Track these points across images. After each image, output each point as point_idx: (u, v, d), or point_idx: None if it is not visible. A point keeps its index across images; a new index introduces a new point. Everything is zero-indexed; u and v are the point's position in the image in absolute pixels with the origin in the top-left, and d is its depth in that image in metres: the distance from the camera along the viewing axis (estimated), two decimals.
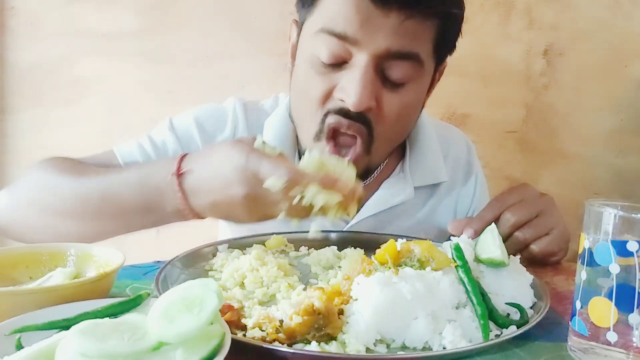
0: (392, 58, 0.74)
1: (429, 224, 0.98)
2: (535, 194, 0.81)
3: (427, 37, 0.76)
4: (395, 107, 0.77)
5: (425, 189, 0.98)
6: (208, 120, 0.93)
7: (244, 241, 0.82)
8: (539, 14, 1.45)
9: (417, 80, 0.78)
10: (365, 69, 0.73)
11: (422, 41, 0.76)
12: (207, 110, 0.95)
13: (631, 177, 1.48)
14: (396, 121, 0.79)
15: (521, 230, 0.78)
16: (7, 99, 1.58)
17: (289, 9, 1.50)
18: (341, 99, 0.75)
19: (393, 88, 0.77)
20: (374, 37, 0.72)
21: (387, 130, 0.79)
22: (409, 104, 0.80)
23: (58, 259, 0.64)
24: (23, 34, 1.56)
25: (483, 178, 1.06)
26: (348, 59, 0.75)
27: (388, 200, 0.93)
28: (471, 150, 1.06)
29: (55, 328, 0.46)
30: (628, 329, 0.48)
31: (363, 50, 0.73)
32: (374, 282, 0.55)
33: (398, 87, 0.77)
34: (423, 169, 0.96)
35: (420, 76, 0.79)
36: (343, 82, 0.75)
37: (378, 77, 0.75)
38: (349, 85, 0.73)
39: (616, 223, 0.49)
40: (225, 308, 0.54)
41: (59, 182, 0.77)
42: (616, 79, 1.44)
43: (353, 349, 0.50)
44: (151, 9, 1.52)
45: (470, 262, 0.61)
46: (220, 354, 0.41)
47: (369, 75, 0.73)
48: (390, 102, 0.77)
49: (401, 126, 0.83)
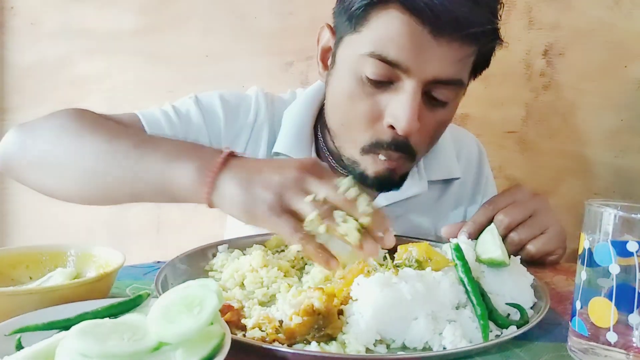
0: (438, 83, 0.76)
1: (441, 219, 0.99)
2: (528, 194, 0.81)
3: (469, 62, 0.79)
4: (434, 125, 0.81)
5: (439, 185, 1.00)
6: (232, 101, 0.95)
7: (244, 241, 0.82)
8: (539, 14, 1.45)
9: (456, 100, 0.82)
10: (414, 95, 0.75)
11: (465, 66, 0.78)
12: (232, 93, 0.97)
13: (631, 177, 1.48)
14: (433, 137, 0.84)
15: (516, 231, 0.78)
16: (7, 99, 1.58)
17: (289, 9, 1.50)
18: (391, 124, 0.77)
19: (434, 108, 0.79)
20: (425, 65, 0.73)
21: (424, 143, 0.83)
22: (444, 121, 0.84)
23: (58, 259, 0.64)
24: (23, 34, 1.56)
25: (493, 181, 1.08)
26: (395, 81, 0.76)
27: (402, 192, 0.94)
28: (482, 152, 1.08)
29: (55, 328, 0.46)
30: (628, 329, 0.48)
31: (412, 76, 0.74)
32: (374, 282, 0.54)
33: (438, 107, 0.79)
34: (437, 164, 0.98)
35: (459, 97, 0.82)
36: (392, 107, 0.76)
37: (423, 100, 0.77)
38: (400, 112, 0.75)
39: (616, 223, 0.49)
40: (225, 308, 0.54)
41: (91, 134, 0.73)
42: (616, 79, 1.44)
43: (353, 349, 0.50)
44: (151, 9, 1.52)
45: (471, 262, 0.61)
46: (220, 354, 0.41)
47: (418, 100, 0.75)
48: (430, 121, 0.79)
49: (436, 139, 0.87)
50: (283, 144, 0.93)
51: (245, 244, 0.81)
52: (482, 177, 1.05)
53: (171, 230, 1.59)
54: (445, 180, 1.00)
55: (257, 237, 0.83)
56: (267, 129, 0.95)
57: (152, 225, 1.59)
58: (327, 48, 0.88)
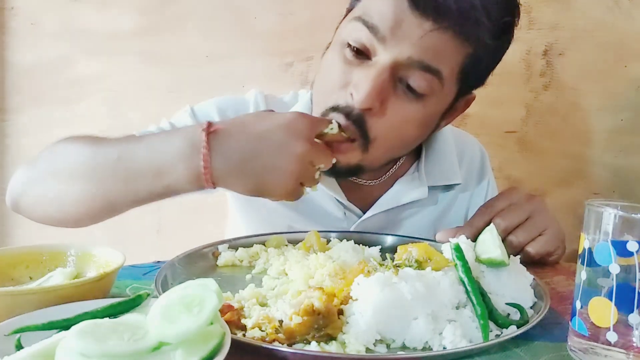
0: (413, 67, 0.73)
1: (441, 224, 0.99)
2: (524, 196, 0.81)
3: (454, 58, 0.75)
4: (398, 116, 0.76)
5: (439, 190, 0.99)
6: (230, 109, 0.94)
7: (244, 241, 0.82)
8: (539, 14, 1.45)
9: (431, 98, 0.76)
10: (382, 70, 0.72)
11: (447, 60, 0.74)
12: (229, 100, 0.96)
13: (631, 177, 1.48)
14: (397, 129, 0.77)
15: (514, 234, 0.78)
16: (7, 99, 1.58)
17: (289, 9, 1.50)
18: (352, 93, 0.75)
19: (405, 97, 0.75)
20: (401, 41, 0.72)
21: (386, 135, 0.77)
22: (414, 118, 0.78)
23: (58, 259, 0.64)
24: (23, 34, 1.56)
25: (495, 185, 1.07)
26: (371, 56, 0.74)
27: (401, 197, 0.94)
28: (484, 157, 1.07)
29: (55, 328, 0.46)
30: (628, 329, 0.48)
31: (387, 50, 0.72)
32: (374, 282, 0.55)
33: (411, 98, 0.75)
34: (438, 169, 0.97)
35: (436, 95, 0.77)
36: (357, 77, 0.74)
37: (392, 82, 0.74)
38: (362, 83, 0.73)
39: (616, 223, 0.49)
40: (225, 308, 0.54)
41: (77, 146, 0.76)
42: (616, 79, 1.44)
43: (353, 349, 0.50)
44: (151, 9, 1.52)
45: (471, 262, 0.61)
46: (220, 354, 0.41)
47: (384, 76, 0.72)
48: (395, 109, 0.75)
49: (400, 136, 0.80)
50: None
51: (246, 243, 0.81)
52: (484, 181, 1.04)
53: (171, 230, 1.59)
54: (446, 185, 0.98)
55: (257, 237, 0.84)
56: None
57: (152, 225, 1.59)
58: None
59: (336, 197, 0.93)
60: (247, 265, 0.76)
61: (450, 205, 1.00)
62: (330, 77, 0.78)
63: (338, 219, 0.94)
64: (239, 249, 0.78)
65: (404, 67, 0.73)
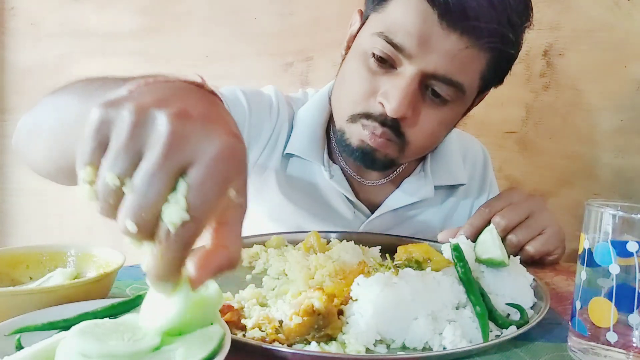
0: (438, 79, 0.76)
1: (446, 224, 1.00)
2: (524, 196, 0.81)
3: (476, 69, 0.78)
4: (430, 122, 0.80)
5: (445, 190, 1.00)
6: (254, 95, 0.95)
7: (244, 241, 0.82)
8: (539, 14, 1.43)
9: (456, 103, 0.81)
10: (411, 80, 0.75)
11: (470, 72, 0.77)
12: (251, 89, 0.97)
13: (631, 177, 1.48)
14: (429, 134, 0.82)
15: (514, 233, 0.78)
16: (7, 99, 1.58)
17: (289, 9, 1.50)
18: (381, 102, 0.77)
19: (432, 104, 0.79)
20: (428, 56, 0.74)
21: (419, 140, 0.82)
22: (443, 122, 0.83)
23: (58, 259, 0.64)
24: (23, 34, 1.56)
25: (496, 186, 1.08)
26: (397, 66, 0.77)
27: (408, 197, 0.95)
28: (487, 158, 1.08)
29: (55, 328, 0.46)
30: (628, 329, 0.48)
31: (414, 63, 0.75)
32: (374, 282, 0.55)
33: (437, 104, 0.79)
34: (443, 169, 0.98)
35: (461, 101, 0.81)
36: (387, 87, 0.77)
37: (421, 90, 0.77)
38: (392, 92, 0.76)
39: (616, 223, 0.49)
40: (225, 308, 0.54)
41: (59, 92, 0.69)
42: (616, 79, 1.44)
43: (353, 350, 0.50)
44: (151, 9, 1.52)
45: (471, 262, 0.61)
46: (220, 354, 0.41)
47: (413, 87, 0.75)
48: (426, 116, 0.79)
49: (432, 139, 0.86)
50: (297, 145, 0.93)
51: (245, 244, 0.81)
52: (486, 182, 1.05)
53: None
54: (451, 185, 1.00)
55: (257, 238, 0.84)
56: (287, 128, 0.95)
57: None
58: (354, 34, 0.88)
59: (346, 195, 0.93)
60: (247, 266, 0.76)
61: (455, 205, 1.01)
62: (356, 86, 0.80)
63: (348, 218, 0.95)
64: None
65: (429, 77, 0.76)
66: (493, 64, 0.79)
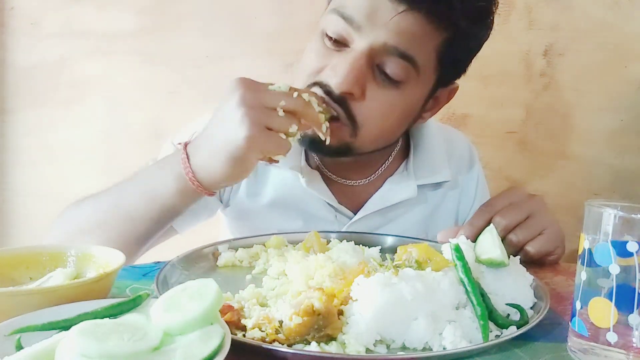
0: (389, 54, 0.76)
1: (432, 222, 1.00)
2: (524, 195, 0.81)
3: (429, 45, 0.77)
4: (380, 103, 0.79)
5: (429, 188, 0.99)
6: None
7: (244, 241, 0.82)
8: (539, 14, 1.45)
9: (408, 85, 0.79)
10: (359, 55, 0.76)
11: (422, 46, 0.77)
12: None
13: (631, 177, 1.48)
14: (380, 116, 0.81)
15: (514, 233, 0.78)
16: (7, 99, 1.58)
17: (289, 9, 1.50)
18: (329, 76, 0.78)
19: (384, 84, 0.78)
20: (376, 28, 0.75)
21: (371, 123, 0.80)
22: (396, 105, 0.81)
23: (58, 260, 0.64)
24: (23, 34, 1.56)
25: (484, 180, 1.08)
26: (349, 44, 0.77)
27: (392, 197, 0.95)
28: (473, 153, 1.07)
29: (55, 328, 0.46)
30: (628, 329, 0.48)
31: (363, 38, 0.76)
32: (374, 282, 0.54)
33: (389, 85, 0.78)
34: (426, 167, 0.97)
35: (414, 82, 0.80)
36: (335, 62, 0.78)
37: (370, 69, 0.77)
38: (339, 66, 0.76)
39: (616, 223, 0.49)
40: (225, 308, 0.54)
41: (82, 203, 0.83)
42: (616, 79, 1.44)
43: (353, 350, 0.50)
44: (151, 9, 1.53)
45: (470, 262, 0.61)
46: (220, 354, 0.41)
47: (360, 62, 0.76)
48: (375, 96, 0.78)
49: (385, 123, 0.83)
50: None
51: (246, 244, 0.81)
52: (473, 178, 1.04)
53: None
54: (435, 183, 0.99)
55: (257, 238, 0.84)
56: None
57: None
58: None
59: (327, 201, 0.93)
60: (247, 266, 0.76)
61: (440, 203, 1.01)
62: (311, 62, 0.82)
63: (329, 222, 0.94)
64: (239, 250, 0.78)
65: (380, 53, 0.76)
66: (449, 45, 0.78)
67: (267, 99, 0.68)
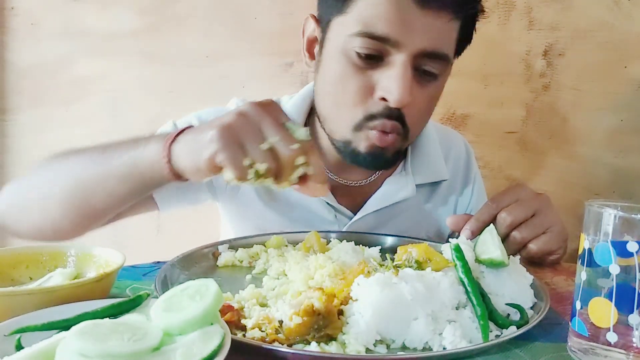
0: (427, 57, 0.77)
1: (430, 222, 1.01)
2: (531, 193, 0.81)
3: (453, 38, 0.80)
4: (425, 101, 0.82)
5: (427, 188, 1.00)
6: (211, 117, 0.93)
7: (244, 241, 0.82)
8: (539, 14, 1.45)
9: (443, 75, 0.83)
10: (405, 67, 0.76)
11: (450, 40, 0.80)
12: (210, 111, 0.96)
13: (631, 177, 1.48)
14: (425, 113, 0.85)
15: (518, 230, 0.77)
16: (7, 99, 1.58)
17: (289, 9, 1.50)
18: (383, 97, 0.78)
19: (424, 82, 0.80)
20: (413, 38, 0.75)
21: (417, 121, 0.84)
22: (434, 96, 0.85)
23: (58, 260, 0.64)
24: (23, 34, 1.56)
25: (481, 180, 1.08)
26: (385, 56, 0.77)
27: (390, 197, 0.95)
28: (470, 153, 1.08)
29: (55, 328, 0.46)
30: (628, 329, 0.48)
31: (402, 50, 0.76)
32: (374, 282, 0.55)
33: (428, 81, 0.81)
34: (424, 167, 0.98)
35: (447, 72, 0.83)
36: (384, 81, 0.77)
37: (413, 74, 0.78)
38: (391, 84, 0.76)
39: (616, 224, 0.49)
40: (225, 308, 0.54)
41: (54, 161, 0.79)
42: (616, 79, 1.44)
43: (353, 350, 0.50)
44: (151, 9, 1.52)
45: (471, 263, 0.61)
46: (220, 354, 0.41)
47: (407, 73, 0.76)
48: (421, 96, 0.81)
49: (427, 117, 0.88)
50: None
51: (246, 244, 0.81)
52: (470, 176, 1.05)
53: (171, 230, 1.59)
54: (433, 182, 1.00)
55: (257, 238, 0.84)
56: None
57: (151, 225, 1.59)
58: (312, 38, 0.88)
59: (327, 201, 0.93)
60: (247, 266, 0.77)
61: (438, 202, 1.02)
62: (350, 90, 0.80)
63: (329, 222, 0.94)
64: (239, 250, 0.78)
65: (418, 58, 0.77)
66: (464, 28, 0.81)
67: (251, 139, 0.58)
